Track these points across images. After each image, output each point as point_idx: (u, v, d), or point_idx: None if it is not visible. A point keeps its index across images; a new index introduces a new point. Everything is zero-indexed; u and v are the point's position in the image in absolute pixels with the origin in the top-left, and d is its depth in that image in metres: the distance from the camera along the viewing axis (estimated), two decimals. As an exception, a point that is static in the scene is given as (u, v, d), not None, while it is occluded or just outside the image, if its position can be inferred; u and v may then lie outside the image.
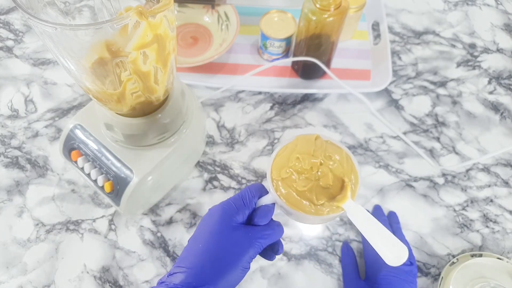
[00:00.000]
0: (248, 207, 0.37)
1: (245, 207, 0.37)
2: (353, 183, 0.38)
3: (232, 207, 0.37)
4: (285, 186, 0.38)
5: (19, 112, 0.67)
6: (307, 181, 0.38)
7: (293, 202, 0.37)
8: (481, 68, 0.74)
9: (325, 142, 0.40)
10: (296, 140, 0.40)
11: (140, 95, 0.41)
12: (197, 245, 0.35)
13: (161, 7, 0.32)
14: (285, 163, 0.38)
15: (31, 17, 0.30)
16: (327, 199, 0.37)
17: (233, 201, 0.37)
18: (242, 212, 0.37)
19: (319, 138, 0.40)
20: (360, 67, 0.72)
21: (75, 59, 0.36)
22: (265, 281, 0.55)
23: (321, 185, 0.38)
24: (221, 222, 0.35)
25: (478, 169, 0.64)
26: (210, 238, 0.35)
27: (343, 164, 0.39)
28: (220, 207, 0.37)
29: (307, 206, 0.37)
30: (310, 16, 0.58)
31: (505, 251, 0.58)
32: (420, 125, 0.68)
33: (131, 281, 0.55)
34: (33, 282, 0.54)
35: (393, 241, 0.34)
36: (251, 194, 0.38)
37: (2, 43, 0.75)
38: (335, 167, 0.39)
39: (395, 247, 0.34)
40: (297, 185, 0.37)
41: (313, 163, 0.38)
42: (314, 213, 0.37)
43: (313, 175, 0.38)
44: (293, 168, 0.38)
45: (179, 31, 0.74)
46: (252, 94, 0.70)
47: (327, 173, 0.38)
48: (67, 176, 0.62)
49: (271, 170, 0.39)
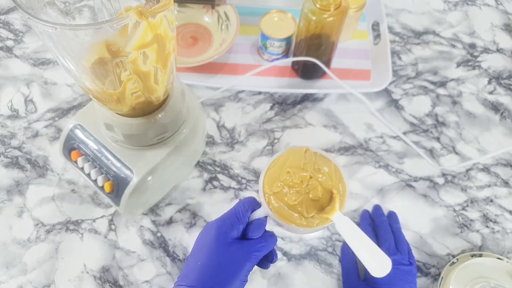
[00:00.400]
0: (242, 222, 0.39)
1: (239, 222, 0.39)
2: (341, 194, 0.40)
3: (227, 224, 0.38)
4: (276, 200, 0.39)
5: (19, 112, 0.67)
6: (297, 194, 0.39)
7: (284, 215, 0.39)
8: (481, 68, 0.74)
9: (315, 155, 0.42)
10: (286, 153, 0.42)
11: (140, 95, 0.41)
12: (196, 263, 0.37)
13: (161, 7, 0.32)
14: (277, 177, 0.40)
15: (31, 17, 0.30)
16: (316, 211, 0.39)
17: (228, 218, 0.39)
18: (237, 227, 0.38)
19: (308, 150, 0.42)
20: (360, 67, 0.72)
21: (75, 59, 0.36)
22: (265, 281, 0.55)
23: (311, 197, 0.39)
24: (217, 240, 0.37)
25: (478, 169, 0.64)
26: (208, 256, 0.37)
27: (332, 176, 0.41)
28: (216, 224, 0.38)
29: (297, 218, 0.39)
30: (310, 16, 0.58)
31: (505, 251, 0.58)
32: (420, 125, 0.68)
33: (131, 281, 0.55)
34: (33, 282, 0.54)
35: (378, 253, 0.36)
36: (244, 209, 0.39)
37: (2, 43, 0.75)
38: (324, 180, 0.40)
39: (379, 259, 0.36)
40: (288, 199, 0.39)
41: (303, 176, 0.40)
42: (304, 225, 0.39)
43: (303, 188, 0.40)
44: (284, 182, 0.39)
45: (179, 31, 0.74)
46: (252, 94, 0.70)
47: (316, 186, 0.40)
48: (67, 176, 0.62)
49: (263, 184, 0.40)
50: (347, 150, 0.65)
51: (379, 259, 0.36)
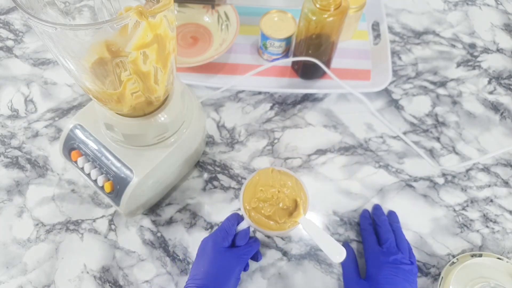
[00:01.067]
0: (230, 234, 0.49)
1: (228, 234, 0.49)
2: (303, 201, 0.51)
3: (219, 237, 0.49)
4: (255, 213, 0.50)
5: (19, 112, 0.68)
6: (271, 207, 0.50)
7: (262, 224, 0.49)
8: (481, 68, 0.74)
9: (279, 173, 0.53)
10: (257, 175, 0.52)
11: (140, 95, 0.41)
12: (199, 269, 0.47)
13: (161, 7, 0.32)
14: (253, 195, 0.51)
15: (31, 17, 0.30)
16: (287, 217, 0.50)
17: (219, 233, 0.49)
18: (227, 239, 0.49)
19: (274, 170, 0.53)
20: (360, 67, 0.72)
21: (75, 59, 0.36)
22: (265, 281, 0.55)
23: (281, 207, 0.50)
24: (213, 250, 0.48)
25: (478, 169, 0.64)
26: (208, 263, 0.47)
27: (294, 188, 0.52)
28: (211, 238, 0.49)
29: (273, 225, 0.49)
30: (310, 16, 0.58)
31: (505, 251, 0.58)
32: (420, 125, 0.68)
33: (131, 281, 0.55)
34: (33, 282, 0.54)
35: (335, 243, 0.46)
36: (230, 223, 0.50)
37: (2, 43, 0.75)
38: (289, 192, 0.51)
39: (337, 249, 0.45)
40: (264, 211, 0.50)
41: (273, 192, 0.51)
42: (279, 229, 0.49)
43: (274, 201, 0.50)
44: (259, 199, 0.50)
45: (179, 31, 0.74)
46: (252, 94, 0.70)
47: (284, 198, 0.51)
48: (67, 176, 0.62)
49: (243, 202, 0.51)
50: (347, 150, 0.65)
51: (336, 248, 0.45)
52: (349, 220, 0.60)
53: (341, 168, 0.64)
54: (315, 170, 0.63)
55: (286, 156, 0.64)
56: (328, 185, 0.62)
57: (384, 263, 0.51)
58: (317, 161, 0.64)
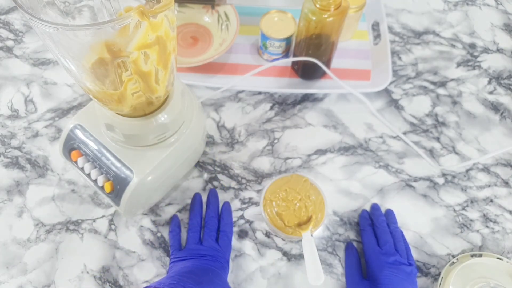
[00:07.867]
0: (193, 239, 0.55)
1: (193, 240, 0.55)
2: (317, 221, 0.52)
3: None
4: (270, 205, 0.53)
5: (19, 112, 0.67)
6: (286, 207, 0.53)
7: (271, 216, 0.52)
8: (481, 68, 0.74)
9: (310, 185, 0.54)
10: (291, 176, 0.55)
11: (141, 95, 0.41)
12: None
13: (162, 7, 0.32)
14: (278, 190, 0.53)
15: (32, 17, 0.30)
16: (294, 225, 0.52)
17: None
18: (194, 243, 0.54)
19: (307, 181, 0.54)
20: (360, 67, 0.72)
21: (76, 59, 0.36)
22: (265, 281, 0.55)
23: (294, 214, 0.52)
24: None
25: (478, 169, 0.64)
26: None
27: (316, 205, 0.53)
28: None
29: (279, 223, 0.52)
30: (310, 16, 0.58)
31: (505, 251, 0.58)
32: (420, 125, 0.68)
33: (131, 281, 0.55)
34: (33, 282, 0.54)
35: (319, 268, 0.47)
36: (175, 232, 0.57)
37: (2, 43, 0.75)
38: (309, 205, 0.53)
39: (318, 273, 0.47)
40: (278, 208, 0.52)
41: (295, 197, 0.53)
42: (281, 229, 0.51)
43: (292, 204, 0.53)
44: (281, 194, 0.53)
45: (179, 31, 0.74)
46: (252, 94, 0.70)
47: (302, 207, 0.53)
48: (67, 176, 0.62)
49: (267, 189, 0.53)
50: (347, 150, 0.65)
51: (318, 273, 0.47)
52: (349, 220, 0.60)
53: (341, 168, 0.64)
54: (315, 170, 0.63)
55: (286, 156, 0.64)
56: (328, 185, 0.62)
57: (385, 264, 0.51)
58: (317, 161, 0.64)
